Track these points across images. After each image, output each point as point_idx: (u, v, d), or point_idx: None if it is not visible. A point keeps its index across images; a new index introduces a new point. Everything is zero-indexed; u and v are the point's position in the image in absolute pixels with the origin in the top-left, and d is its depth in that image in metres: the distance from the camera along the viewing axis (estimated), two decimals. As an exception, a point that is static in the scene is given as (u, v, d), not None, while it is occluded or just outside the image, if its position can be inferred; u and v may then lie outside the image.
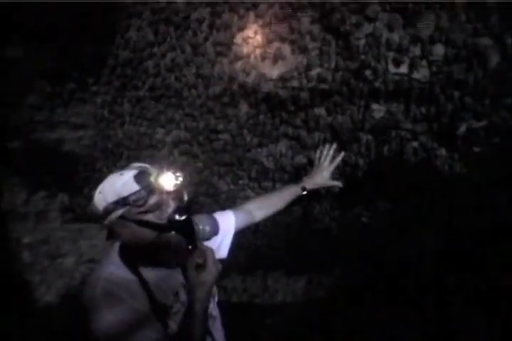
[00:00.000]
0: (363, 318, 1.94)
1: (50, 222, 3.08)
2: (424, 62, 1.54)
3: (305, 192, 1.57)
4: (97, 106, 2.10)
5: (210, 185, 2.05)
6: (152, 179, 0.99)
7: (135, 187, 0.97)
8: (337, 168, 1.62)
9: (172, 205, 1.02)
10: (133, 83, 1.94)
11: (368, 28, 1.55)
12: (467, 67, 1.49)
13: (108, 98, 2.06)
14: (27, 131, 3.24)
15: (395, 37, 1.53)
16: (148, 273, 1.05)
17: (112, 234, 1.04)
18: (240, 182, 2.07)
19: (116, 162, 2.10)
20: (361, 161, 1.80)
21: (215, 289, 1.16)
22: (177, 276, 1.12)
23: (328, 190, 1.92)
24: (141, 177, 0.99)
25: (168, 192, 1.01)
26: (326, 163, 1.61)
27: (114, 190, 0.97)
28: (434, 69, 1.53)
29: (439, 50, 1.51)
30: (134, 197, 0.96)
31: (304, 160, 1.92)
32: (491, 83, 1.49)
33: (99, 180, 1.00)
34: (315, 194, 1.95)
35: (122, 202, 0.96)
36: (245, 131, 1.90)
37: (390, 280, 1.92)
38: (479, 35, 1.46)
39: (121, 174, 0.99)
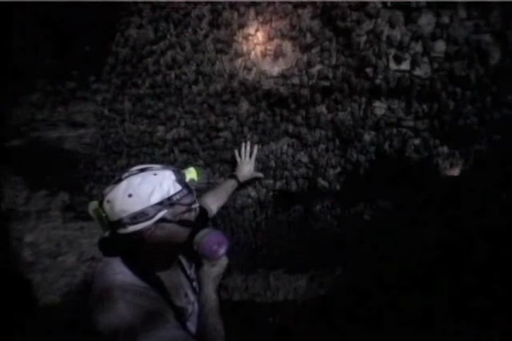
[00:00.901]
0: (364, 316, 1.94)
1: (51, 220, 3.07)
2: (425, 59, 1.53)
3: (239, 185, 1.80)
4: (98, 105, 2.10)
5: (211, 183, 2.04)
6: (189, 178, 1.01)
7: (177, 186, 0.97)
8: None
9: (197, 203, 1.04)
10: (133, 81, 1.93)
11: (369, 24, 1.54)
12: (468, 64, 1.49)
13: (108, 96, 2.06)
14: (27, 130, 3.23)
15: (396, 34, 1.53)
16: (162, 278, 1.04)
17: (123, 246, 0.98)
18: (241, 180, 2.07)
19: (117, 160, 2.10)
20: (362, 158, 1.79)
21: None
22: (181, 278, 1.12)
23: (330, 188, 1.91)
24: (179, 176, 0.99)
25: (197, 190, 1.03)
26: (247, 158, 1.85)
27: (158, 190, 0.94)
28: (436, 66, 1.52)
29: (440, 46, 1.50)
30: (177, 197, 0.96)
31: (305, 158, 1.92)
32: (492, 80, 1.49)
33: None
34: (315, 192, 1.95)
35: (167, 202, 0.94)
36: (246, 129, 1.90)
37: (391, 279, 1.92)
38: (480, 32, 1.45)
39: (156, 174, 0.96)
